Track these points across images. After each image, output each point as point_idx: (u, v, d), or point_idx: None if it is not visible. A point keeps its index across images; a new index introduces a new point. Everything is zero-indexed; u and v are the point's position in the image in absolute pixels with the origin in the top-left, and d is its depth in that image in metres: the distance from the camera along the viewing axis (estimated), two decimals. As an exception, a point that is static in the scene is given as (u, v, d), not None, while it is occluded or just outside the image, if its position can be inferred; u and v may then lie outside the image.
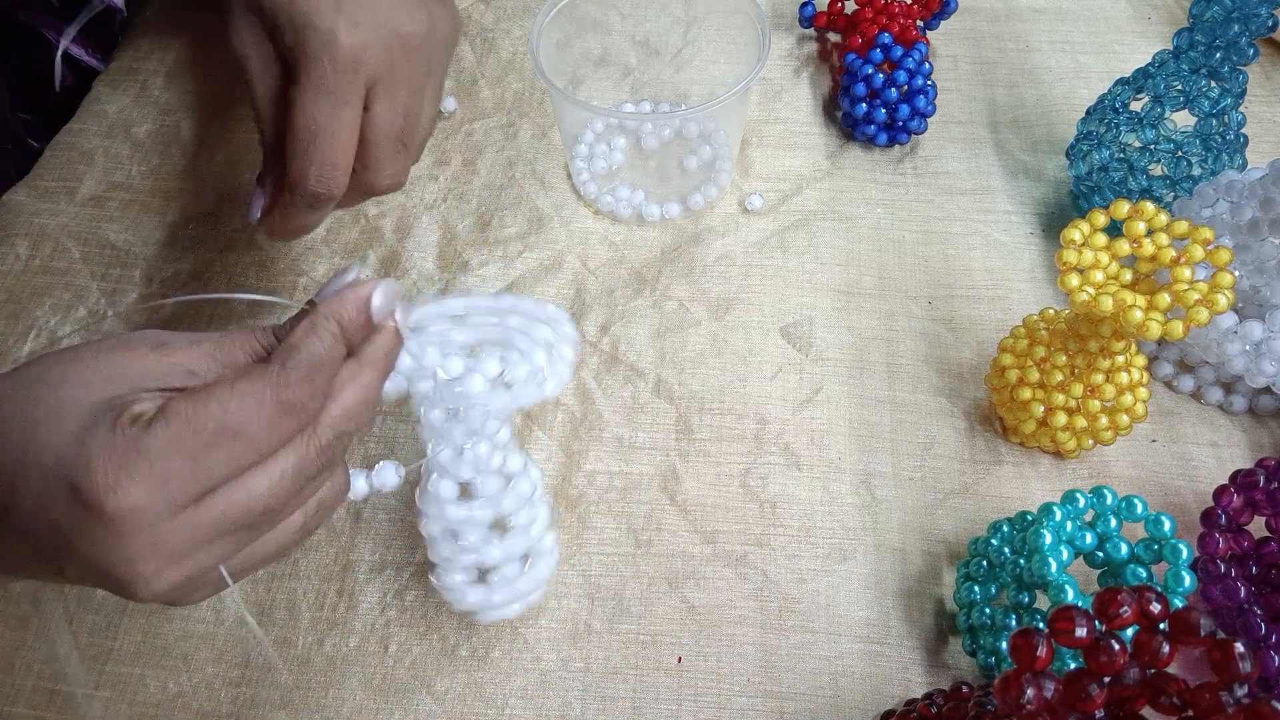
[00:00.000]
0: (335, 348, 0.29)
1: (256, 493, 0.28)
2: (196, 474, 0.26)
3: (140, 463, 0.26)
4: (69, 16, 0.62)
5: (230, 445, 0.27)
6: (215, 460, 0.27)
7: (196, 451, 0.26)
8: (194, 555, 0.27)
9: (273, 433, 0.27)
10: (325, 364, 0.29)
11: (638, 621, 0.44)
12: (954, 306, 0.53)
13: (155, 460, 0.26)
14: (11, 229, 0.56)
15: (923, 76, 0.59)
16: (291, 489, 0.28)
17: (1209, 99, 0.50)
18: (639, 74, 0.63)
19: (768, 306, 0.53)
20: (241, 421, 0.27)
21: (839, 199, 0.58)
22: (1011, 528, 0.42)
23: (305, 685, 0.42)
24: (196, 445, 0.26)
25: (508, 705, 0.41)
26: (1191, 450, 0.48)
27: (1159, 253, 0.40)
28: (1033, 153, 0.61)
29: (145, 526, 0.26)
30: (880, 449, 0.48)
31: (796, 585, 0.44)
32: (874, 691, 0.42)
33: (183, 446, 0.26)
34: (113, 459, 0.26)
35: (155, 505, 0.26)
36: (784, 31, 0.67)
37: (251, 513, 0.28)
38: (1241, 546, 0.42)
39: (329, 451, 0.29)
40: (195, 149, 0.61)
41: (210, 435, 0.26)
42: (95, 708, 0.41)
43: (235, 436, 0.27)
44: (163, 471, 0.26)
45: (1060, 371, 0.44)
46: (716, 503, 0.47)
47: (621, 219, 0.57)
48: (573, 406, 0.50)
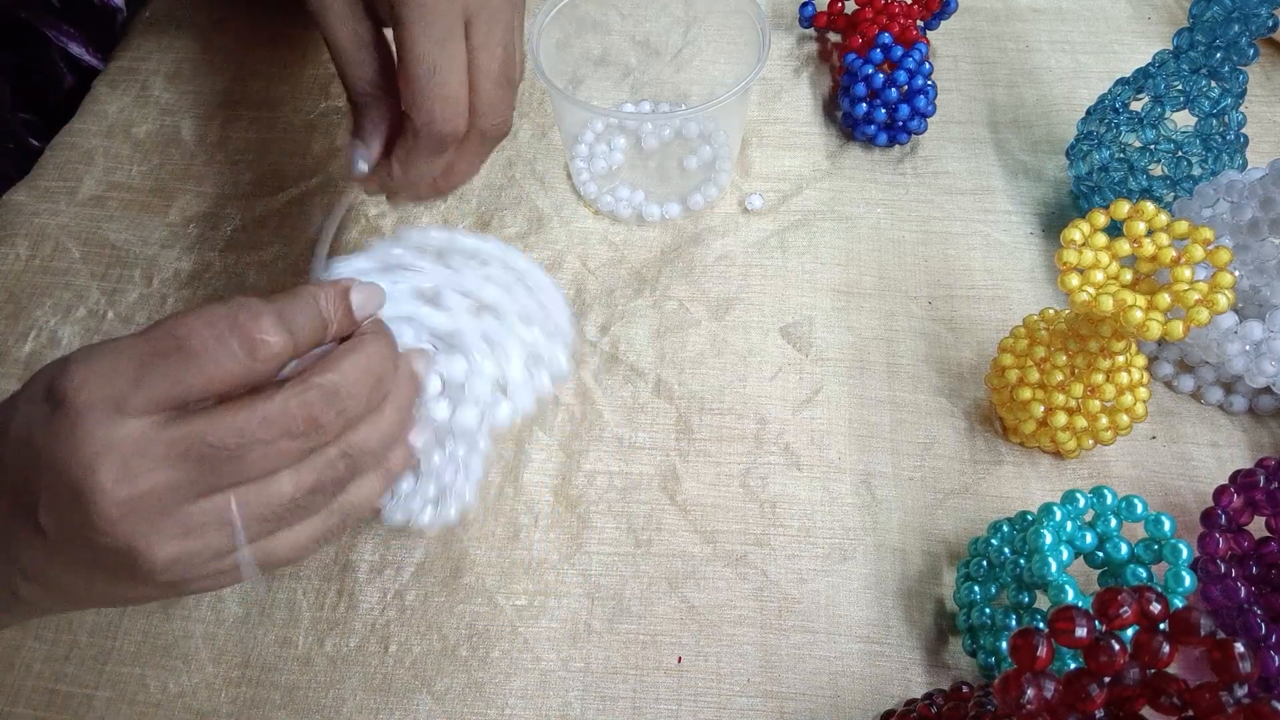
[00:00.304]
0: (315, 309, 0.30)
1: (219, 424, 0.28)
2: (144, 377, 0.27)
3: (105, 361, 0.27)
4: (69, 16, 0.62)
5: (177, 357, 0.28)
6: (162, 370, 0.28)
7: (148, 359, 0.28)
8: (151, 474, 0.27)
9: (219, 350, 0.28)
10: (302, 310, 0.30)
11: (638, 621, 0.44)
12: (954, 306, 0.53)
13: (119, 360, 0.27)
14: (11, 229, 0.56)
15: (923, 76, 0.59)
16: (259, 433, 0.28)
17: (1209, 99, 0.50)
18: (639, 74, 0.63)
19: (768, 306, 0.53)
20: (188, 333, 0.28)
21: (839, 199, 0.58)
22: (1011, 528, 0.42)
23: (305, 685, 0.42)
24: (150, 352, 0.28)
25: (508, 705, 0.41)
26: (1191, 450, 0.48)
27: (1159, 253, 0.40)
28: (1033, 153, 0.61)
29: (101, 424, 0.27)
30: (880, 449, 0.48)
31: (796, 585, 0.44)
32: (874, 691, 0.42)
33: (139, 352, 0.28)
34: (85, 360, 0.28)
35: (108, 404, 0.27)
36: (784, 31, 0.67)
37: (211, 441, 0.28)
38: (1241, 546, 0.42)
39: (308, 409, 0.29)
40: (195, 149, 0.61)
41: (164, 345, 0.28)
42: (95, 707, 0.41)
43: (180, 349, 0.28)
44: (117, 370, 0.27)
45: (1060, 371, 0.44)
46: (716, 503, 0.47)
47: (621, 219, 0.57)
48: (573, 406, 0.50)
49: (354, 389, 0.30)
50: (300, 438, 0.29)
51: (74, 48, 0.62)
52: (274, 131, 0.61)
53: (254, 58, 0.65)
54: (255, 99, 0.63)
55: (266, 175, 0.59)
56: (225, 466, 0.28)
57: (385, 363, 0.32)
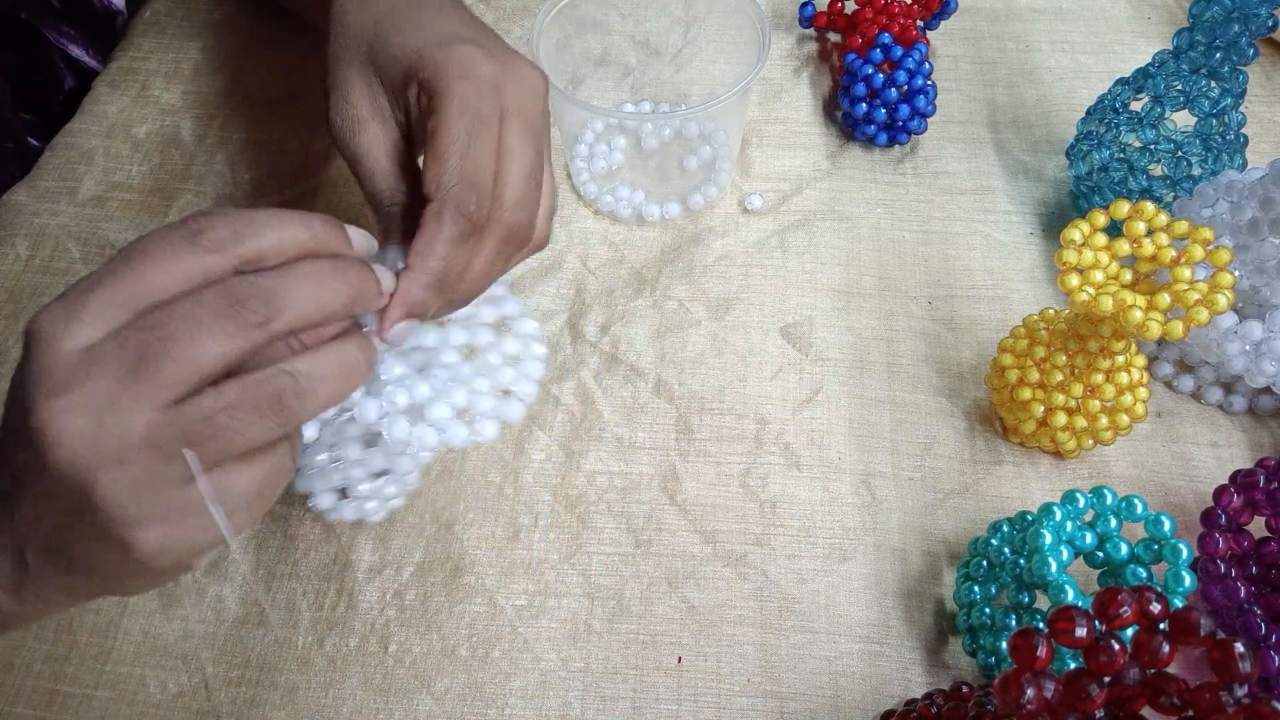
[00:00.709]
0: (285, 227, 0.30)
1: (149, 316, 0.28)
2: (94, 286, 0.28)
3: (73, 289, 0.28)
4: (70, 17, 0.62)
5: (131, 261, 0.28)
6: (110, 276, 0.28)
7: (103, 271, 0.28)
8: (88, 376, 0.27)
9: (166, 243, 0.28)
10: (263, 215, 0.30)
11: (638, 621, 0.44)
12: (954, 306, 0.53)
13: (82, 282, 0.28)
14: (11, 229, 0.56)
15: (923, 76, 0.59)
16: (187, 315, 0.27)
17: (1209, 99, 0.50)
18: (639, 74, 0.63)
19: (768, 306, 0.53)
20: (139, 242, 0.28)
21: (839, 199, 0.58)
22: (1011, 528, 0.42)
23: (305, 685, 0.42)
24: (105, 268, 0.28)
25: (508, 705, 0.41)
26: (1191, 450, 0.48)
27: (1159, 253, 0.40)
28: (1033, 153, 0.61)
29: (53, 342, 0.27)
30: (880, 449, 0.48)
31: (796, 585, 0.44)
32: (874, 691, 0.42)
33: (97, 271, 0.28)
34: (60, 297, 0.28)
35: (61, 321, 0.27)
36: (784, 31, 0.67)
37: (140, 334, 0.27)
38: (1241, 546, 0.42)
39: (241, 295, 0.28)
40: (195, 149, 0.61)
41: (118, 257, 0.28)
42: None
43: (128, 255, 0.28)
44: (74, 291, 0.28)
45: (1060, 371, 0.44)
46: (716, 503, 0.47)
47: (621, 219, 0.57)
48: (573, 406, 0.50)
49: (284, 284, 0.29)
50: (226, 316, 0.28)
51: (74, 49, 0.62)
52: (274, 131, 0.61)
53: (254, 58, 0.65)
54: (255, 99, 0.63)
55: (266, 175, 0.59)
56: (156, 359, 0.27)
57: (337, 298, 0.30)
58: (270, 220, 0.30)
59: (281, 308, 0.29)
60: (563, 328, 0.53)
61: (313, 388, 0.30)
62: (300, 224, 0.31)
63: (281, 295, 0.29)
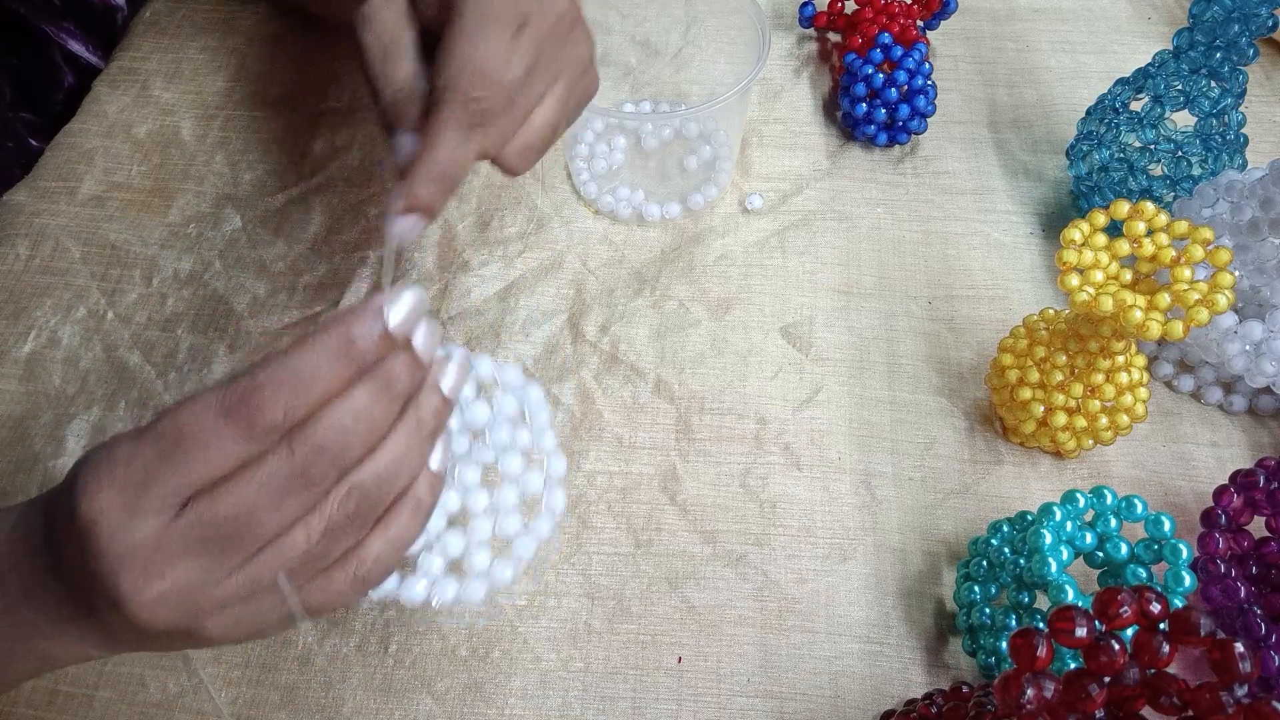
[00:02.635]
0: (324, 362, 0.28)
1: (222, 501, 0.28)
2: (150, 479, 0.27)
3: (111, 470, 0.27)
4: (70, 14, 0.62)
5: (178, 454, 0.27)
6: (166, 468, 0.27)
7: (151, 458, 0.27)
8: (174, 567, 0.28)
9: (216, 438, 0.27)
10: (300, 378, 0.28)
11: (638, 621, 0.44)
12: (954, 306, 0.53)
13: (118, 466, 0.27)
14: (11, 229, 0.56)
15: (923, 76, 0.59)
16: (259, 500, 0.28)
17: (1209, 99, 0.50)
18: (639, 74, 0.63)
19: (768, 306, 0.53)
20: (183, 429, 0.27)
21: (839, 199, 0.58)
22: (1011, 528, 0.42)
23: (305, 685, 0.42)
24: (152, 452, 0.27)
25: (508, 705, 0.41)
26: (1191, 450, 0.48)
27: (1159, 253, 0.40)
28: (1033, 153, 0.61)
29: (116, 533, 0.27)
30: (880, 449, 0.48)
31: (796, 585, 0.44)
32: (874, 691, 0.42)
33: (142, 453, 0.27)
34: (95, 469, 0.28)
35: (119, 511, 0.27)
36: (784, 31, 0.67)
37: (218, 522, 0.28)
38: (1241, 546, 0.42)
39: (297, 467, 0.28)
40: (195, 149, 0.61)
41: (163, 441, 0.27)
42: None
43: (178, 445, 0.27)
44: (123, 477, 0.27)
45: (1060, 371, 0.44)
46: (716, 503, 0.47)
47: (621, 219, 0.57)
48: (573, 406, 0.50)
49: (340, 437, 0.29)
50: (300, 493, 0.29)
51: (74, 45, 0.62)
52: (274, 131, 0.61)
53: (254, 58, 0.65)
54: (255, 99, 0.63)
55: (266, 175, 0.59)
56: (239, 539, 0.28)
57: (379, 403, 0.30)
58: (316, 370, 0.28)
59: (344, 466, 0.29)
60: (563, 327, 0.53)
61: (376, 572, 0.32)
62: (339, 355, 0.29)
63: (342, 452, 0.29)
